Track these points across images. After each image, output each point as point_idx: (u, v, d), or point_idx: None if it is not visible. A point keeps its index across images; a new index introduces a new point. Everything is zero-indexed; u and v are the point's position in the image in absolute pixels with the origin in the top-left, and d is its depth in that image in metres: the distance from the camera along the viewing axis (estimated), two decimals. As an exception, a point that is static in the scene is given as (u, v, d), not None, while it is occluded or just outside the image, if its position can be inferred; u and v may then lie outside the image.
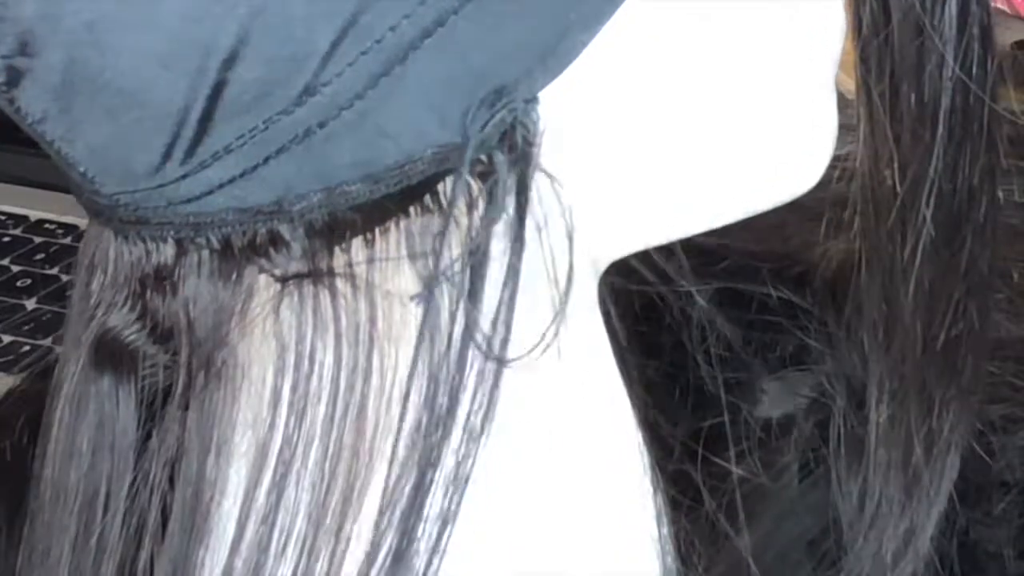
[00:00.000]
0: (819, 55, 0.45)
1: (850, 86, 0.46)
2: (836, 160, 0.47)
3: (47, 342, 0.87)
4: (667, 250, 0.55)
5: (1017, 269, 0.59)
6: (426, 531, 0.41)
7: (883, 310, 0.48)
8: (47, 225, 0.99)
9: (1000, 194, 0.48)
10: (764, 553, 0.52)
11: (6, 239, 0.98)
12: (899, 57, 0.44)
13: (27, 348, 0.88)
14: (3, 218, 1.00)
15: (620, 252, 0.46)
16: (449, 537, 0.41)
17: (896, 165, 0.45)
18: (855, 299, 0.50)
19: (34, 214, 1.00)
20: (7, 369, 0.85)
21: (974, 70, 0.44)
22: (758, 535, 0.53)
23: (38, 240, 0.98)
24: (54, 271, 0.95)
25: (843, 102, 0.46)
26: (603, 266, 0.46)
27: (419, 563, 0.41)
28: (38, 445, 0.47)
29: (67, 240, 0.97)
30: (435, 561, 0.41)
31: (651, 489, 0.48)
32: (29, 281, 0.94)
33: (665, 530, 0.48)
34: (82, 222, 0.94)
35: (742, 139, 0.44)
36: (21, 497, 0.50)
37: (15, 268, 0.96)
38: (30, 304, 0.92)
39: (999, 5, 0.95)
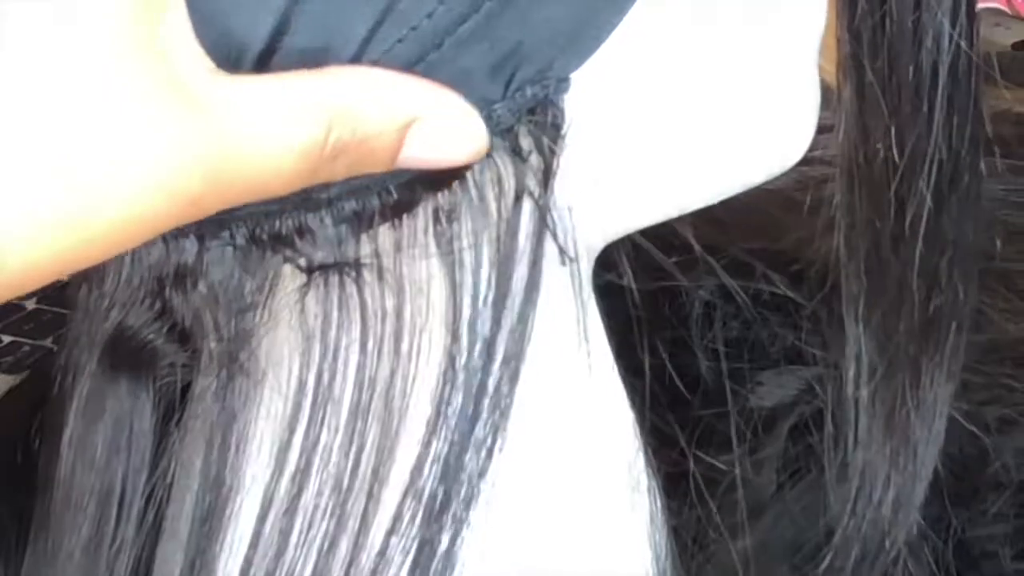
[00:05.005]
0: (809, 31, 0.46)
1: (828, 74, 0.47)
2: (836, 160, 0.47)
3: (47, 342, 0.87)
4: (665, 246, 0.55)
5: (1015, 269, 0.59)
6: (450, 522, 0.41)
7: (864, 284, 0.48)
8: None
9: (1001, 191, 0.49)
10: (756, 550, 0.52)
11: (7, 239, 0.98)
12: (897, 30, 0.44)
13: (27, 348, 0.88)
14: (4, 218, 1.00)
15: (622, 231, 0.46)
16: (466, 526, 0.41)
17: (894, 137, 0.45)
18: (834, 274, 0.50)
19: (35, 214, 1.00)
20: (7, 369, 0.85)
21: (963, 41, 0.45)
22: (752, 531, 0.53)
23: (39, 240, 0.98)
24: (54, 271, 0.95)
25: (829, 96, 0.47)
26: (600, 247, 0.46)
27: (441, 550, 0.41)
28: (47, 446, 0.46)
29: (68, 240, 0.97)
30: (457, 548, 0.41)
31: (648, 483, 0.48)
32: (30, 281, 0.94)
33: (660, 524, 0.48)
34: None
35: (746, 111, 0.45)
36: (24, 497, 0.50)
37: (16, 268, 0.95)
38: (30, 304, 0.92)
39: (1000, 5, 0.95)
